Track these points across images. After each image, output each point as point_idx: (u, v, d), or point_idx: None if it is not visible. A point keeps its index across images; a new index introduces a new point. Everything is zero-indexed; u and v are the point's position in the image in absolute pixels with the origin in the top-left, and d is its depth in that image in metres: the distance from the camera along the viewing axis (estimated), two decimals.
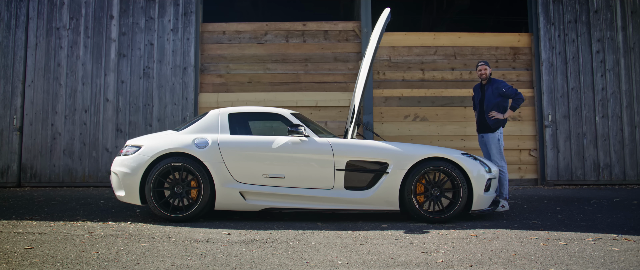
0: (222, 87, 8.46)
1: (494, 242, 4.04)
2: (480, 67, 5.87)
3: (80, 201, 6.33)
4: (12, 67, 8.21)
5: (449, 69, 8.54)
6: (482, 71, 5.85)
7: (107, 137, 8.16)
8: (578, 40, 8.44)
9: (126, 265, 3.31)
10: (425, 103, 8.46)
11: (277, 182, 4.88)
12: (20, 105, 8.17)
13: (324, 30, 8.61)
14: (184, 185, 4.89)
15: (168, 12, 8.34)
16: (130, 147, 5.09)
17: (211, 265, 3.32)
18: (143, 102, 8.21)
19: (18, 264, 3.35)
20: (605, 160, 8.27)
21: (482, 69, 5.85)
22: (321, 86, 8.45)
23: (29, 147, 8.11)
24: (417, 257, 3.55)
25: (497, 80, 5.83)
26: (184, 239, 4.14)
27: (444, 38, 8.64)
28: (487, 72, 5.83)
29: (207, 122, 5.17)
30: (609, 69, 8.39)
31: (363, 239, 4.15)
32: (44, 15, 8.29)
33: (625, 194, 7.15)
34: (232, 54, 8.52)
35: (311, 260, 3.47)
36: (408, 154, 4.86)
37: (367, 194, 4.82)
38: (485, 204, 4.96)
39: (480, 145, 6.00)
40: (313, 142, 4.94)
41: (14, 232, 4.38)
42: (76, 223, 4.86)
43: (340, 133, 8.15)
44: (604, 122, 8.32)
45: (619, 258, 3.52)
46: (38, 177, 8.08)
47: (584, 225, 4.78)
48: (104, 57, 8.26)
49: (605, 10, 8.49)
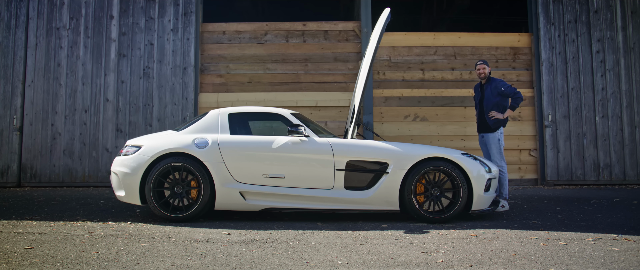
0: (222, 87, 8.46)
1: (494, 242, 4.04)
2: (479, 67, 5.86)
3: (80, 201, 6.33)
4: (12, 67, 8.21)
5: (449, 69, 8.54)
6: (480, 70, 5.85)
7: (107, 137, 8.16)
8: (578, 40, 8.44)
9: (126, 265, 3.31)
10: (425, 103, 8.46)
11: (277, 182, 4.88)
12: (20, 105, 8.17)
13: (324, 30, 8.61)
14: (184, 185, 4.89)
15: (168, 12, 8.34)
16: (130, 147, 5.09)
17: (211, 265, 3.32)
18: (143, 102, 8.22)
19: (18, 263, 3.35)
20: (605, 160, 8.27)
21: (480, 68, 5.85)
22: (321, 86, 8.45)
23: (29, 147, 8.11)
24: (417, 257, 3.55)
25: (496, 80, 5.83)
26: (184, 239, 4.14)
27: (444, 38, 8.64)
28: (486, 72, 5.83)
29: (207, 122, 5.17)
30: (609, 69, 8.39)
31: (363, 239, 4.15)
32: (44, 15, 8.29)
33: (625, 194, 7.15)
34: (232, 54, 8.53)
35: (311, 260, 3.47)
36: (408, 154, 4.86)
37: (367, 194, 4.82)
38: (485, 204, 4.96)
39: (481, 145, 5.99)
40: (313, 142, 4.94)
41: (14, 232, 4.38)
42: (76, 223, 4.86)
43: (340, 133, 8.15)
44: (604, 122, 8.32)
45: (618, 258, 3.52)
46: (38, 177, 8.08)
47: (584, 225, 4.78)
48: (104, 57, 8.27)
49: (605, 10, 8.49)
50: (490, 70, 6.03)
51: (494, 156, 5.73)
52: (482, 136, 5.91)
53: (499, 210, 5.47)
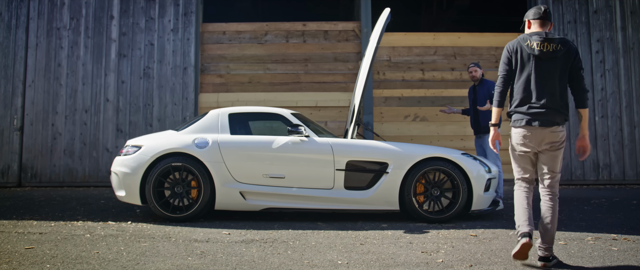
0: (222, 87, 8.47)
1: (493, 242, 4.05)
2: (471, 69, 5.92)
3: (80, 201, 6.34)
4: (13, 67, 8.22)
5: (449, 69, 8.55)
6: (472, 73, 5.91)
7: (108, 137, 8.17)
8: (578, 40, 8.45)
9: (126, 265, 3.32)
10: (425, 103, 8.47)
11: (277, 182, 4.89)
12: (21, 105, 8.18)
13: (324, 30, 8.62)
14: (184, 185, 4.90)
15: (168, 12, 8.35)
16: (130, 147, 5.10)
17: (211, 265, 3.33)
18: (143, 102, 8.22)
19: (19, 263, 3.36)
20: (604, 160, 8.28)
21: (472, 71, 5.91)
22: (321, 86, 8.46)
23: (30, 147, 8.12)
24: (417, 257, 3.56)
25: (488, 82, 5.87)
26: (184, 238, 4.14)
27: (443, 38, 8.65)
28: (478, 74, 5.88)
29: (207, 122, 5.18)
30: (609, 69, 8.40)
31: (363, 239, 4.16)
32: (45, 15, 8.30)
33: (625, 193, 7.16)
34: (232, 54, 8.54)
35: (311, 260, 3.48)
36: (408, 154, 4.87)
37: (367, 194, 4.83)
38: (485, 203, 4.97)
39: (476, 146, 6.01)
40: (313, 142, 4.95)
41: (14, 232, 4.39)
42: (76, 223, 4.87)
43: (340, 133, 8.16)
44: (603, 122, 8.33)
45: (618, 258, 3.53)
46: (38, 177, 8.09)
47: (583, 225, 4.79)
48: (104, 57, 8.27)
49: (604, 11, 8.50)
50: (483, 72, 6.06)
51: (490, 155, 5.74)
52: (479, 137, 5.93)
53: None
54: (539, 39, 3.27)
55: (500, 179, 5.68)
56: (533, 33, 3.34)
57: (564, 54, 3.27)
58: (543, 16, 3.35)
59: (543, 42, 3.25)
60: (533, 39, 3.29)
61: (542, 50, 3.24)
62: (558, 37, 3.27)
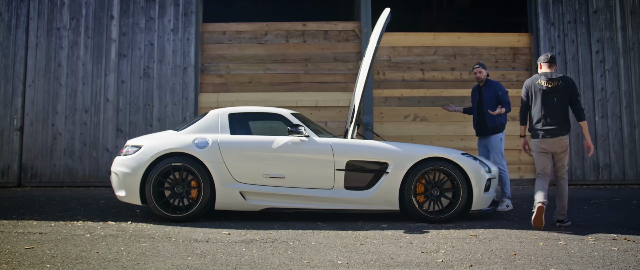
0: (222, 87, 8.47)
1: (493, 242, 4.05)
2: (475, 70, 5.85)
3: (80, 201, 6.34)
4: (13, 67, 8.22)
5: (449, 69, 8.55)
6: (477, 74, 5.84)
7: (108, 137, 8.17)
8: (578, 40, 8.45)
9: (126, 265, 3.32)
10: (425, 103, 8.47)
11: (277, 182, 4.89)
12: (21, 105, 8.18)
13: (324, 30, 8.62)
14: (184, 185, 4.90)
15: (168, 12, 8.35)
16: (130, 147, 5.10)
17: (211, 265, 3.33)
18: (143, 102, 8.22)
19: (19, 263, 3.36)
20: (604, 160, 8.28)
21: (477, 72, 5.84)
22: (321, 86, 8.46)
23: (30, 147, 8.12)
24: (417, 257, 3.56)
25: (494, 83, 5.81)
26: (184, 238, 4.15)
27: (443, 38, 8.64)
28: (483, 75, 5.81)
29: (207, 122, 5.18)
30: (609, 69, 8.40)
31: (363, 238, 4.16)
32: (45, 15, 8.30)
33: (625, 193, 7.16)
34: (232, 54, 8.54)
35: (311, 260, 3.48)
36: (408, 154, 4.87)
37: (367, 194, 4.83)
38: (485, 203, 4.97)
39: (480, 147, 5.96)
40: (313, 142, 4.95)
41: (14, 232, 4.39)
42: (76, 223, 4.87)
43: (340, 133, 8.16)
44: (603, 122, 8.33)
45: (618, 258, 3.53)
46: (38, 177, 8.09)
47: (583, 225, 4.79)
48: (104, 57, 8.27)
49: (604, 11, 8.50)
50: (488, 73, 6.04)
51: (496, 156, 5.72)
52: (484, 138, 5.88)
53: (503, 210, 5.48)
54: (546, 79, 4.64)
55: (507, 178, 5.65)
56: (542, 73, 4.70)
57: (564, 88, 4.60)
58: (549, 61, 4.74)
59: (548, 80, 4.62)
60: (541, 78, 4.67)
61: (548, 86, 4.62)
62: (559, 76, 4.61)
